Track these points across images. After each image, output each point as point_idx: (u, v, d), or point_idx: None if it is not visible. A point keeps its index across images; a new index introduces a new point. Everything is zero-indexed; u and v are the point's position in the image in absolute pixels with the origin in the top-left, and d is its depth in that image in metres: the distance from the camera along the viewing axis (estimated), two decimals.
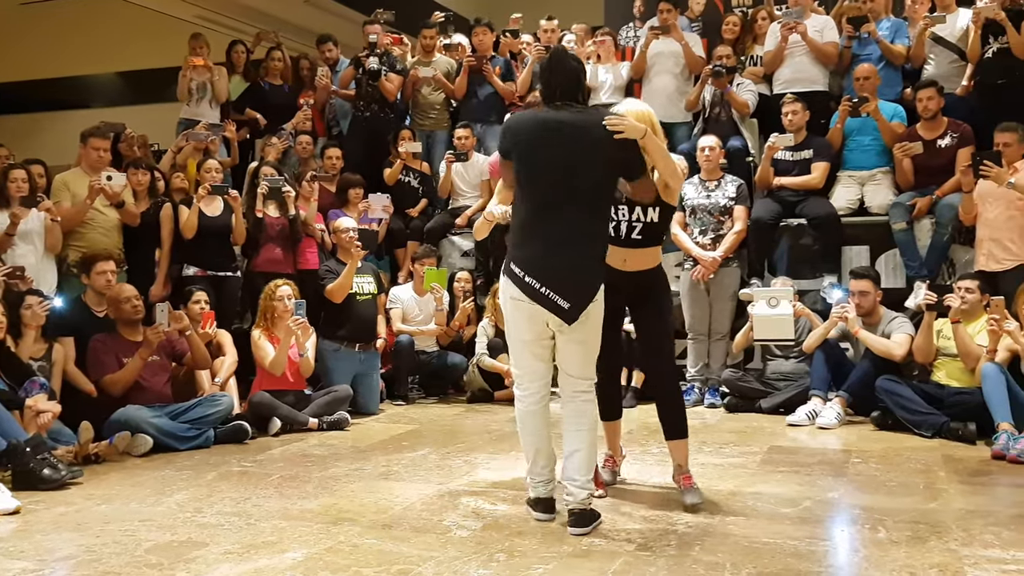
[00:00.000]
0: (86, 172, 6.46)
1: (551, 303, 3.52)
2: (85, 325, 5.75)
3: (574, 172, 3.56)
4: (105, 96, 14.51)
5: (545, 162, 3.59)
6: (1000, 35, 6.92)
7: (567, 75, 3.70)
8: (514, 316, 3.68)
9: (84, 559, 3.38)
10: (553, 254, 3.55)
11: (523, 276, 3.55)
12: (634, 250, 3.99)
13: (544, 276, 3.53)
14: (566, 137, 3.58)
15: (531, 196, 3.63)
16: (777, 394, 6.39)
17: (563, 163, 3.56)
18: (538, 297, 3.53)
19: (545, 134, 3.61)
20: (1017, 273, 5.83)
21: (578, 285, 3.56)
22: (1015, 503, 4.02)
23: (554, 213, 3.56)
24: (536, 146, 3.61)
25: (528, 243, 3.61)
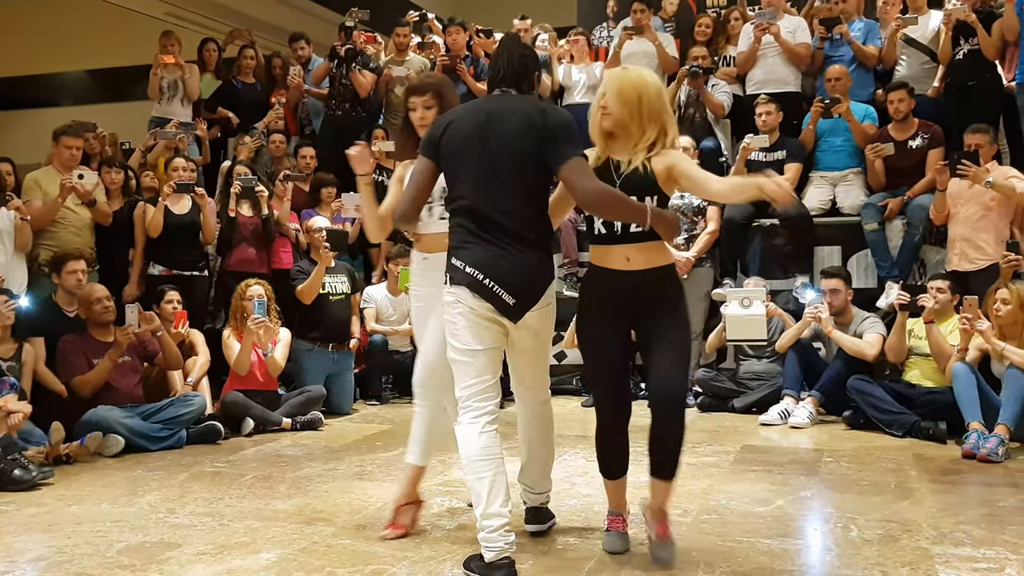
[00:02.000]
0: (58, 170, 6.39)
1: (496, 297, 3.11)
2: (55, 325, 5.68)
3: (500, 162, 3.17)
4: (75, 94, 14.36)
5: (473, 156, 3.19)
6: (971, 37, 6.98)
7: (517, 61, 3.35)
8: (464, 327, 3.15)
9: (55, 560, 3.35)
10: (491, 249, 3.14)
11: (464, 267, 3.13)
12: (636, 245, 3.24)
13: (488, 270, 3.12)
14: (493, 127, 3.20)
15: (463, 193, 3.21)
16: (750, 394, 6.43)
17: (485, 154, 3.18)
18: (483, 291, 3.11)
19: (472, 125, 3.23)
20: (988, 273, 5.89)
21: (523, 282, 3.15)
22: (985, 502, 4.06)
23: (489, 210, 3.16)
24: (468, 138, 3.21)
25: (470, 241, 3.17)
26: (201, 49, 9.01)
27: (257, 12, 11.90)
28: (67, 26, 13.29)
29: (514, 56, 3.38)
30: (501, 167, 3.17)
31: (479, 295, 3.12)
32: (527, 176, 3.20)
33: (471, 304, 3.14)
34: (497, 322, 3.17)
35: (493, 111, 3.25)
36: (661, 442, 3.29)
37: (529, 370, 3.42)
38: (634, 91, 3.21)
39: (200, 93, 8.56)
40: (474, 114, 3.27)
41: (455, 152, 3.22)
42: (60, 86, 14.53)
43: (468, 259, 3.14)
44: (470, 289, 3.12)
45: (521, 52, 3.43)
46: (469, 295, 3.13)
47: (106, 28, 12.95)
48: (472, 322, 3.15)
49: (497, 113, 3.24)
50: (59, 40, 13.49)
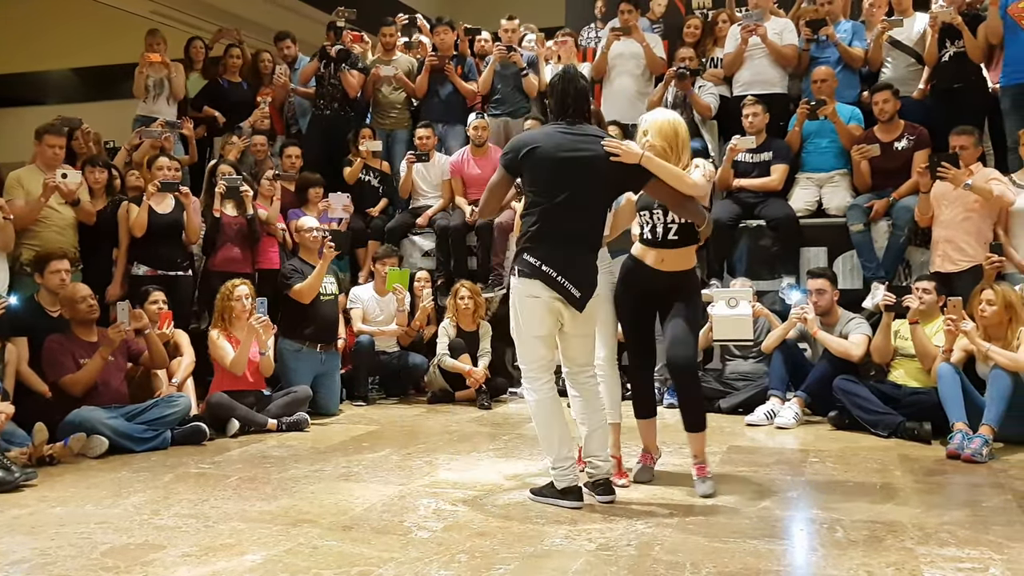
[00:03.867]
0: (41, 169, 6.33)
1: (566, 291, 3.87)
2: (38, 325, 5.65)
3: (585, 187, 3.91)
4: (60, 92, 14.29)
5: (562, 177, 3.90)
6: (956, 39, 7.02)
7: (579, 94, 4.03)
8: (529, 313, 3.93)
9: (38, 563, 3.32)
10: (567, 252, 3.91)
11: (539, 265, 3.86)
12: (671, 250, 4.26)
13: (560, 267, 3.86)
14: (580, 156, 3.91)
15: (547, 205, 3.91)
16: (736, 394, 6.44)
17: (576, 179, 3.89)
18: (554, 284, 3.86)
19: (563, 151, 3.92)
20: (972, 274, 5.92)
21: (586, 280, 3.94)
22: (970, 502, 4.08)
23: (566, 221, 3.90)
24: (555, 162, 3.91)
25: (544, 243, 3.90)
26: (187, 48, 8.97)
27: (243, 10, 11.87)
28: (52, 23, 13.21)
29: (580, 88, 4.05)
30: (582, 189, 3.92)
31: (551, 287, 3.88)
32: (600, 198, 4.06)
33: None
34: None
35: (579, 140, 3.96)
36: (683, 403, 4.40)
37: (581, 350, 4.11)
38: (672, 128, 4.16)
39: (186, 92, 8.52)
40: (560, 143, 3.95)
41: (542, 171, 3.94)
42: (45, 84, 14.46)
43: (542, 258, 3.89)
44: (542, 281, 3.89)
45: (584, 85, 4.09)
46: (541, 291, 3.90)
47: (91, 26, 12.88)
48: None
49: (583, 143, 3.95)
50: (44, 37, 13.41)
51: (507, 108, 8.35)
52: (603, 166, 3.93)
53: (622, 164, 3.94)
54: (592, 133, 4.03)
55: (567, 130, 3.99)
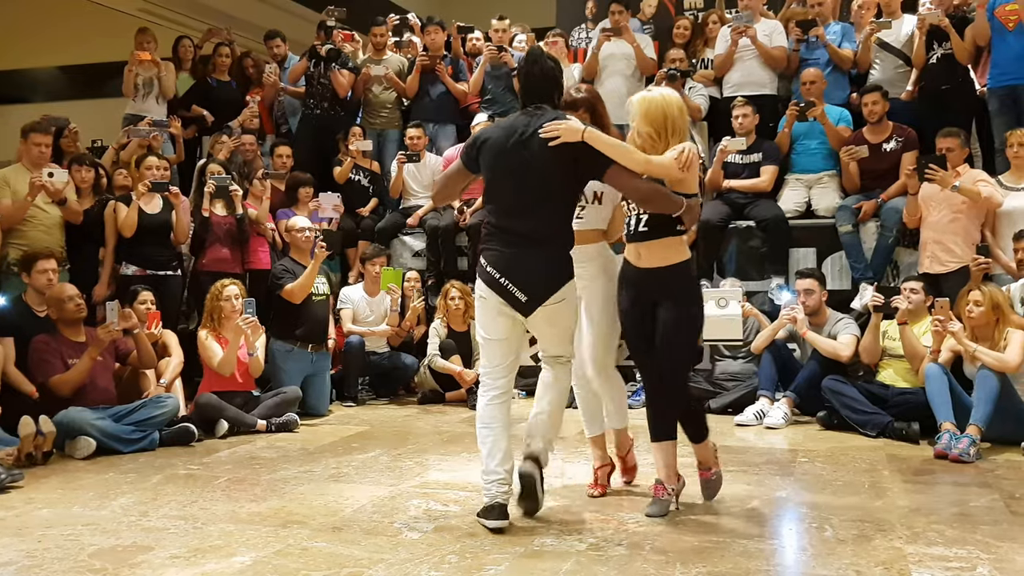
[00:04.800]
0: (27, 168, 6.30)
1: (509, 295, 3.64)
2: (25, 325, 5.61)
3: (534, 175, 3.64)
4: (47, 91, 14.19)
5: (507, 167, 3.68)
6: (944, 41, 7.06)
7: (539, 78, 3.78)
8: (482, 313, 3.78)
9: (25, 564, 3.30)
10: (515, 250, 3.66)
11: (486, 266, 3.68)
12: (645, 243, 3.79)
13: (505, 268, 3.64)
14: (527, 141, 3.65)
15: (496, 199, 3.76)
16: (726, 394, 6.45)
17: (523, 167, 3.64)
18: (497, 287, 3.65)
19: (507, 140, 3.70)
20: (960, 275, 5.95)
21: (538, 281, 3.65)
22: (957, 501, 4.10)
23: (513, 217, 3.67)
24: (501, 154, 3.70)
25: (494, 240, 3.71)
26: (176, 47, 8.94)
27: (232, 9, 11.83)
28: (40, 21, 13.14)
29: (547, 70, 3.79)
30: (530, 177, 3.66)
31: (494, 291, 3.69)
32: (555, 184, 3.67)
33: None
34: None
35: (529, 125, 3.68)
36: (681, 416, 3.98)
37: (550, 340, 3.86)
38: (659, 109, 3.74)
39: (175, 91, 8.49)
40: (508, 130, 3.74)
41: (489, 162, 3.74)
42: (32, 82, 14.37)
43: (490, 258, 3.70)
44: (487, 284, 3.72)
45: (548, 66, 3.81)
46: (489, 292, 3.73)
47: (80, 24, 12.81)
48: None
49: (532, 127, 3.66)
50: (32, 35, 13.34)
51: (498, 108, 8.35)
52: (549, 153, 3.58)
53: (570, 147, 3.57)
54: (551, 118, 3.65)
55: (525, 119, 3.71)
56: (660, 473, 3.91)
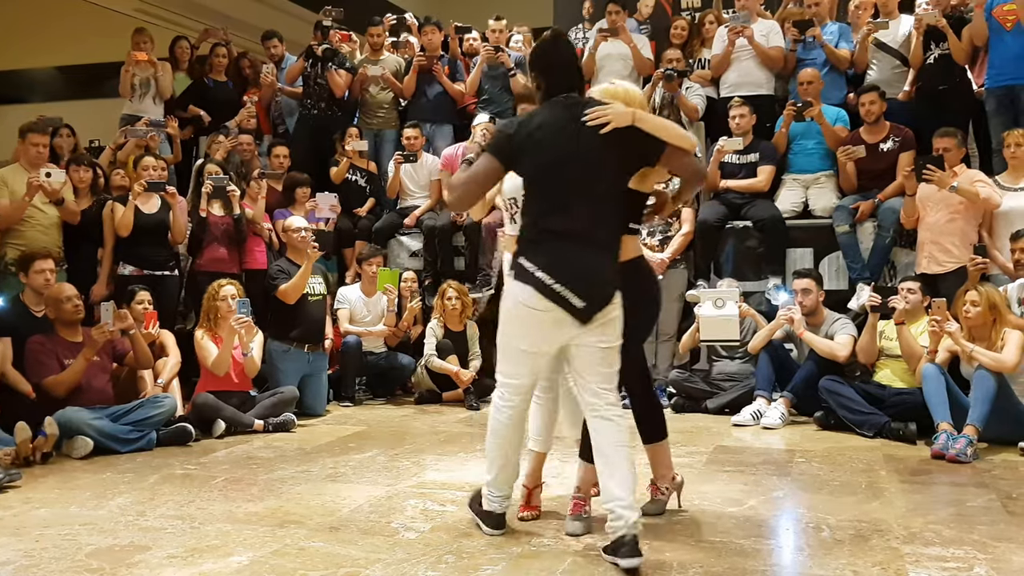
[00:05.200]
0: (25, 168, 6.30)
1: (564, 301, 3.26)
2: (23, 325, 5.61)
3: (589, 169, 3.34)
4: (44, 91, 14.18)
5: (558, 162, 3.34)
6: (941, 41, 7.06)
7: (567, 65, 3.52)
8: (519, 322, 3.38)
9: (22, 564, 3.30)
10: (569, 253, 3.31)
11: (534, 271, 3.29)
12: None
13: (559, 273, 3.27)
14: (577, 132, 3.34)
15: (544, 198, 3.38)
16: (723, 394, 6.45)
17: (576, 161, 3.33)
18: (550, 294, 3.26)
19: (555, 133, 3.36)
20: (957, 276, 5.96)
21: (597, 284, 3.31)
22: (954, 501, 4.10)
23: (570, 213, 3.32)
24: (547, 146, 3.36)
25: (542, 243, 3.34)
26: (173, 47, 8.94)
27: (229, 9, 11.83)
28: (37, 21, 13.14)
29: (567, 58, 3.54)
30: (582, 173, 3.35)
31: (547, 298, 3.31)
32: (607, 180, 3.40)
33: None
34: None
35: (573, 118, 3.36)
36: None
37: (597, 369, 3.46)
38: (624, 96, 3.52)
39: (172, 91, 8.49)
40: (554, 124, 3.38)
41: (536, 159, 3.38)
42: (29, 82, 14.36)
43: (539, 263, 3.32)
44: (538, 290, 3.32)
45: (571, 53, 3.59)
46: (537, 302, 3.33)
47: (77, 24, 12.81)
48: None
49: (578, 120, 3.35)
50: (29, 35, 13.34)
51: (495, 108, 8.34)
52: (600, 143, 3.32)
53: (621, 133, 3.33)
54: (589, 104, 3.42)
55: (563, 109, 3.41)
56: (658, 473, 3.89)
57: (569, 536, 3.58)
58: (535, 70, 3.53)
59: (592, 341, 3.34)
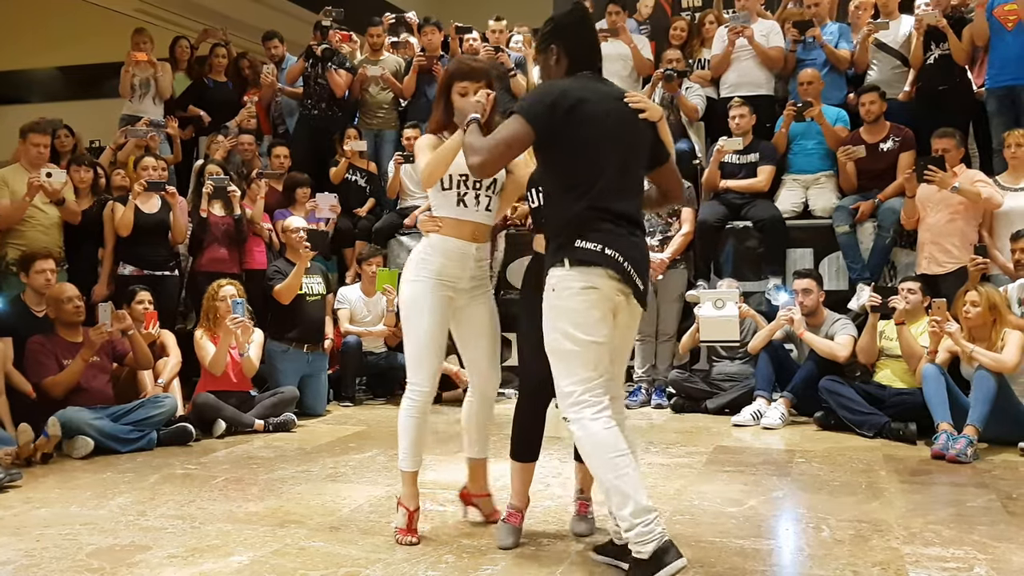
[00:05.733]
0: (25, 168, 6.31)
1: (632, 281, 3.02)
2: (24, 325, 5.62)
3: (634, 151, 3.16)
4: (45, 91, 14.21)
5: (612, 138, 3.09)
6: (942, 42, 7.06)
7: (595, 42, 3.30)
8: (586, 309, 2.99)
9: (23, 564, 3.31)
10: (624, 234, 3.06)
11: (602, 249, 2.98)
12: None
13: (625, 253, 3.02)
14: (622, 111, 3.14)
15: (596, 175, 3.06)
16: (723, 395, 6.45)
17: (625, 139, 3.12)
18: (621, 271, 2.99)
19: (605, 107, 3.11)
20: (957, 276, 5.96)
21: (646, 271, 3.11)
22: (954, 502, 4.10)
23: (619, 194, 3.08)
24: (600, 119, 3.08)
25: (600, 222, 3.03)
26: (173, 47, 8.95)
27: (230, 10, 11.83)
28: (38, 23, 13.15)
29: (595, 34, 3.32)
30: (627, 156, 3.14)
31: (619, 276, 3.02)
32: (641, 165, 3.23)
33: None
34: None
35: (616, 96, 3.17)
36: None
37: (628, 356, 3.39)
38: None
39: (172, 91, 8.49)
40: (604, 98, 3.14)
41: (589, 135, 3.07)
42: (30, 83, 14.37)
43: (603, 240, 3.02)
44: (610, 268, 3.02)
45: (594, 30, 3.36)
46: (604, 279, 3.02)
47: (78, 25, 12.82)
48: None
49: (621, 99, 3.16)
50: (30, 37, 13.35)
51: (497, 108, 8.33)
52: (641, 127, 3.16)
53: (650, 126, 3.19)
54: (619, 88, 3.27)
55: (601, 84, 3.21)
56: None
57: (577, 536, 3.55)
58: (559, 41, 3.24)
59: (632, 334, 3.21)
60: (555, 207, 3.14)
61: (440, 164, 3.44)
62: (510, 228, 7.64)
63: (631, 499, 2.88)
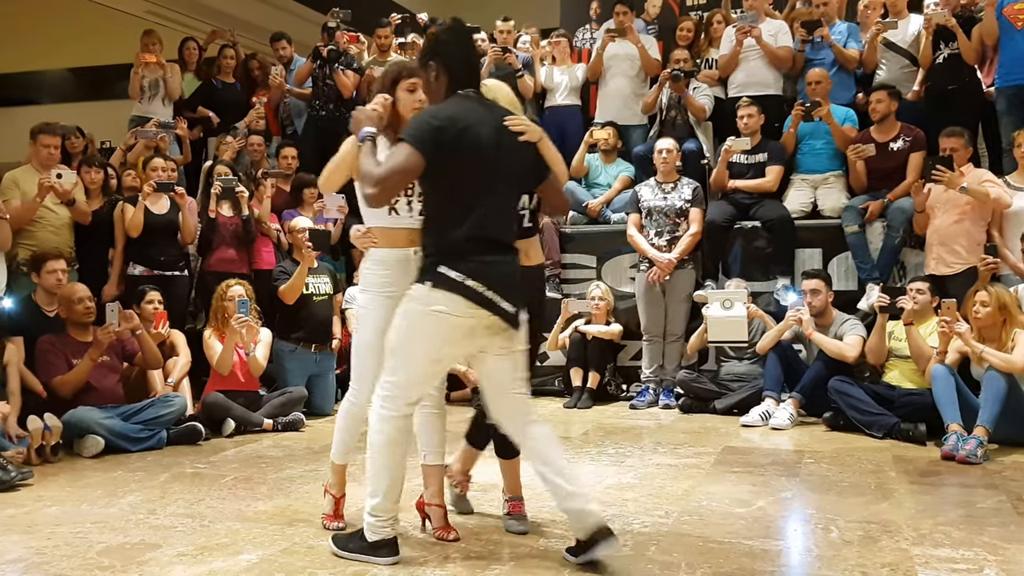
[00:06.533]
0: (36, 169, 6.34)
1: (496, 307, 3.14)
2: (35, 325, 5.65)
3: (511, 175, 3.26)
4: (56, 92, 14.28)
5: (490, 162, 3.18)
6: (951, 41, 7.04)
7: (474, 59, 3.37)
8: (434, 331, 3.14)
9: (34, 561, 3.32)
10: (498, 260, 3.19)
11: (464, 280, 3.11)
12: (528, 241, 3.59)
13: (488, 280, 3.13)
14: (500, 133, 3.22)
15: (473, 199, 3.16)
16: (731, 395, 6.44)
17: (503, 163, 3.21)
18: (483, 301, 3.12)
19: (485, 130, 3.18)
20: (965, 276, 5.93)
21: (519, 290, 3.24)
22: (964, 503, 4.09)
23: (495, 219, 3.21)
24: (482, 144, 3.16)
25: (469, 251, 3.15)
26: (181, 48, 8.97)
27: (239, 11, 11.87)
28: (48, 24, 13.21)
29: (476, 52, 3.43)
30: (502, 175, 3.22)
31: (480, 306, 3.14)
32: (519, 185, 3.38)
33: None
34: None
35: (496, 115, 3.27)
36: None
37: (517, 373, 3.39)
38: (507, 94, 3.53)
39: (181, 92, 8.52)
40: (480, 119, 3.21)
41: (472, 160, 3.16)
42: (41, 84, 14.44)
43: (466, 269, 3.12)
44: (468, 299, 3.13)
45: (475, 47, 3.47)
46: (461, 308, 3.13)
47: (87, 26, 12.88)
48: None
49: (499, 118, 3.26)
50: (40, 38, 13.41)
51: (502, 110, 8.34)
52: (519, 150, 3.26)
53: (530, 147, 3.30)
54: (501, 111, 3.32)
55: (479, 106, 3.25)
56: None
57: (515, 534, 3.60)
58: (438, 58, 3.28)
59: (510, 347, 3.27)
60: (433, 227, 3.26)
61: (336, 172, 3.63)
62: None
63: (385, 495, 3.24)
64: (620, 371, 7.23)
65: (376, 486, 3.26)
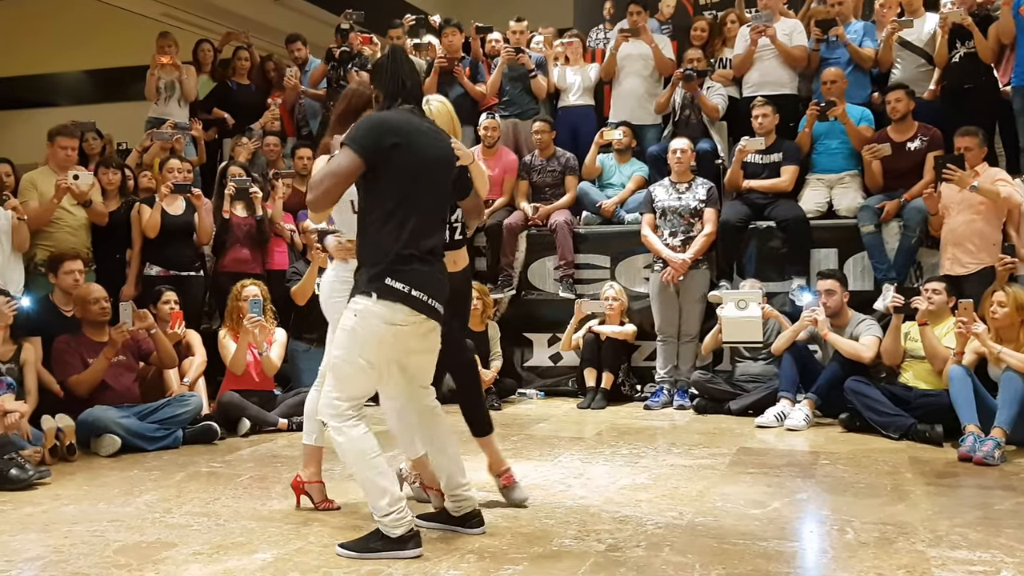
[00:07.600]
0: (53, 171, 6.39)
1: (433, 311, 3.36)
2: (52, 324, 5.70)
3: (445, 188, 3.50)
4: (73, 94, 14.36)
5: (431, 175, 3.38)
6: (967, 40, 7.00)
7: (412, 76, 3.49)
8: (380, 340, 3.30)
9: (52, 560, 3.35)
10: (429, 269, 3.36)
11: (410, 291, 3.27)
12: (457, 251, 3.93)
13: (429, 288, 3.34)
14: (440, 149, 3.45)
15: (413, 210, 3.32)
16: (746, 396, 6.42)
17: (440, 177, 3.44)
18: (424, 308, 3.32)
19: (428, 144, 3.39)
20: (981, 276, 5.89)
21: (445, 295, 3.44)
22: (981, 504, 4.06)
23: (430, 230, 3.40)
24: (424, 156, 3.35)
25: (406, 261, 3.29)
26: (196, 50, 9.01)
27: (254, 13, 11.91)
28: (65, 27, 13.29)
29: (416, 70, 3.57)
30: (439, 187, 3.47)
31: (422, 312, 3.35)
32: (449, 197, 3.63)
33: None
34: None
35: (437, 132, 3.51)
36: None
37: (430, 368, 3.70)
38: (448, 114, 3.85)
39: (197, 94, 8.56)
40: (424, 132, 3.41)
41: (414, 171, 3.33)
42: (58, 86, 14.53)
43: (408, 279, 3.30)
44: (415, 308, 3.33)
45: (414, 65, 3.62)
46: (408, 316, 3.33)
47: (103, 29, 12.96)
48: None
49: (440, 134, 3.52)
50: (57, 41, 13.50)
51: (516, 110, 8.35)
52: (450, 167, 3.52)
53: (456, 167, 3.57)
54: (437, 126, 3.57)
55: (421, 121, 3.45)
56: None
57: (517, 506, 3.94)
58: (376, 82, 3.50)
59: (429, 347, 3.51)
60: (371, 237, 3.35)
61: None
62: (531, 228, 7.65)
63: (388, 492, 3.33)
64: (634, 371, 7.22)
65: (374, 493, 3.36)
